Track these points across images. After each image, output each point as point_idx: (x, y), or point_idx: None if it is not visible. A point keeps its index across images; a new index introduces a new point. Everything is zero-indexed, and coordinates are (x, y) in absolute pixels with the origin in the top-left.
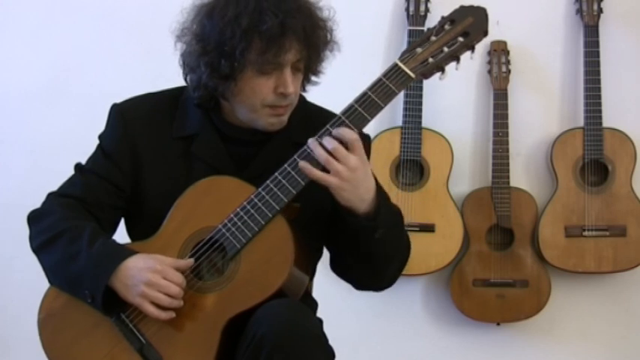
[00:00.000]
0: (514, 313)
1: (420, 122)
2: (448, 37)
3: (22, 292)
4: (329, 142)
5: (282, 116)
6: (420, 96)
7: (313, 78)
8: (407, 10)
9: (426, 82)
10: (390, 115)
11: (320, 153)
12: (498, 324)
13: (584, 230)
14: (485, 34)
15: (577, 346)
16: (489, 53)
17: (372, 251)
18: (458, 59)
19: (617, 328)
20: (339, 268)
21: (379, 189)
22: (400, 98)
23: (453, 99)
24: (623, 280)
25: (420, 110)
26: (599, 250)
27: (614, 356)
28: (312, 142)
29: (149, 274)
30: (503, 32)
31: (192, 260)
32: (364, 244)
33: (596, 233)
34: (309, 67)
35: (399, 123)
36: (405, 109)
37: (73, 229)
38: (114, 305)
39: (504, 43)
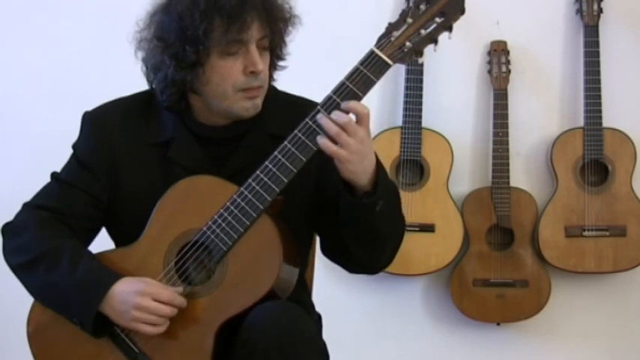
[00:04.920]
0: (514, 313)
1: (420, 122)
2: (424, 19)
3: (19, 293)
4: (339, 116)
5: (255, 99)
6: (420, 96)
7: (280, 63)
8: None
9: (426, 82)
10: (390, 115)
11: (330, 126)
12: (498, 324)
13: (584, 230)
14: (462, 12)
15: (577, 346)
16: (489, 53)
17: (373, 226)
18: (435, 41)
19: (617, 328)
20: (333, 250)
21: (378, 162)
22: (400, 98)
23: (453, 99)
24: (623, 280)
25: (420, 110)
26: (599, 250)
27: (614, 356)
28: (320, 116)
29: (138, 298)
30: (503, 32)
31: (180, 289)
32: (366, 219)
33: (596, 233)
34: (274, 46)
35: (399, 123)
36: (405, 109)
37: (51, 252)
38: (104, 327)
39: (504, 43)
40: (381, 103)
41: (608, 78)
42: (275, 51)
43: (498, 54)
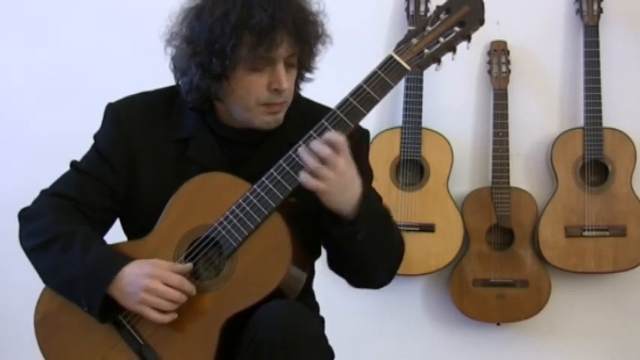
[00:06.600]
0: (514, 313)
1: (420, 122)
2: (444, 27)
3: (20, 293)
4: (318, 148)
5: (277, 114)
6: (420, 96)
7: (307, 75)
8: (407, 10)
9: (426, 82)
10: (390, 115)
11: (308, 159)
12: (498, 324)
13: (584, 230)
14: (482, 22)
15: (577, 346)
16: (489, 53)
17: (357, 254)
18: (454, 50)
19: (617, 328)
20: (334, 266)
21: (366, 190)
22: (400, 98)
23: (453, 99)
24: (623, 280)
25: (420, 110)
26: (599, 250)
27: (614, 356)
28: (302, 150)
29: (147, 280)
30: (503, 32)
31: (190, 265)
32: (347, 247)
33: (596, 233)
34: (303, 62)
35: (399, 123)
36: (405, 109)
37: (66, 234)
38: (110, 312)
39: (504, 43)
40: (381, 103)
41: (608, 78)
42: (303, 64)
43: (498, 54)
